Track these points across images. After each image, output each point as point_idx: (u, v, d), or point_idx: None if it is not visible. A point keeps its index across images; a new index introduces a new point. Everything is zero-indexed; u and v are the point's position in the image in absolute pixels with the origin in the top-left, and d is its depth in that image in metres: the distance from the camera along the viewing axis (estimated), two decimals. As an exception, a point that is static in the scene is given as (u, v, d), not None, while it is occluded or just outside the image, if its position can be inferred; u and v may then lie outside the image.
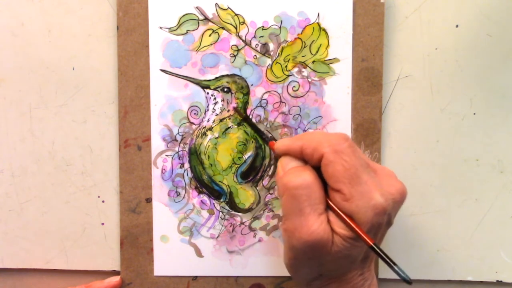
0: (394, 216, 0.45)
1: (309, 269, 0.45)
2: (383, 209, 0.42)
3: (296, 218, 0.43)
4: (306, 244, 0.42)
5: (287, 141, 0.46)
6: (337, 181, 0.42)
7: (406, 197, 0.45)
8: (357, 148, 0.44)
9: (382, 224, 0.43)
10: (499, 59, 0.55)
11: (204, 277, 0.57)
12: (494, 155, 0.57)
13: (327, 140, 0.43)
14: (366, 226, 0.42)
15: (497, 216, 0.57)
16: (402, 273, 0.40)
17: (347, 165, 0.42)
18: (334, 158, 0.42)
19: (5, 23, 0.56)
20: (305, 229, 0.42)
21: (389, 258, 0.41)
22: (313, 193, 0.43)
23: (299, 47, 0.55)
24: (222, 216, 0.57)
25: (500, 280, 0.58)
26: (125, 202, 0.57)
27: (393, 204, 0.43)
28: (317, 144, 0.44)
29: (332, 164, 0.43)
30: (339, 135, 0.44)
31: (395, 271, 0.40)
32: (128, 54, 0.55)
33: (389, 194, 0.43)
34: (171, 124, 0.56)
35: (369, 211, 0.41)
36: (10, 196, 0.58)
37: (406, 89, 0.56)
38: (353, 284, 0.46)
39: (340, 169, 0.42)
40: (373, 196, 0.42)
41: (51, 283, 0.59)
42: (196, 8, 0.55)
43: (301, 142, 0.45)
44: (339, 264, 0.44)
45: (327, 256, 0.43)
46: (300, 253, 0.44)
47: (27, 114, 0.57)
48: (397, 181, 0.45)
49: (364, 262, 0.46)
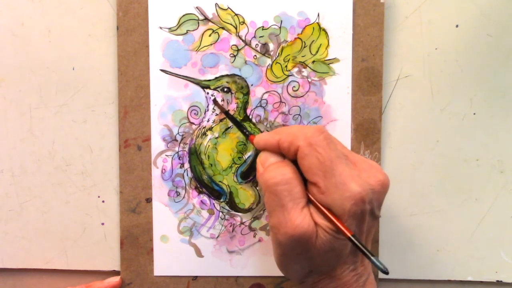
0: (378, 207, 0.45)
1: (298, 265, 0.45)
2: (361, 199, 0.42)
3: (279, 214, 0.43)
4: (291, 239, 0.42)
5: (266, 136, 0.47)
6: (313, 174, 0.43)
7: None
8: (334, 139, 0.45)
9: (364, 215, 0.43)
10: (499, 59, 0.55)
11: (204, 277, 0.57)
12: (494, 155, 0.57)
13: (303, 133, 0.44)
14: (344, 217, 0.42)
15: (497, 216, 0.57)
16: (380, 263, 0.40)
17: (322, 157, 0.42)
18: (309, 151, 0.43)
19: (5, 23, 0.56)
20: (289, 224, 0.42)
21: (366, 249, 0.41)
22: (293, 188, 0.43)
23: (299, 47, 0.55)
24: (222, 216, 0.57)
25: (500, 280, 0.58)
26: (125, 202, 0.57)
27: (372, 194, 0.43)
28: (293, 137, 0.44)
29: (307, 157, 0.43)
30: (315, 127, 0.44)
31: (372, 262, 0.40)
32: (128, 54, 0.55)
33: (367, 184, 0.43)
34: (171, 124, 0.56)
35: (345, 202, 0.41)
36: (10, 196, 0.58)
37: (406, 89, 0.56)
38: (345, 280, 0.45)
39: (314, 162, 0.43)
40: (348, 187, 0.42)
41: (51, 283, 0.59)
42: (196, 8, 0.55)
43: (278, 136, 0.45)
44: (326, 258, 0.44)
45: (313, 250, 0.43)
46: (287, 249, 0.44)
47: (27, 114, 0.57)
48: (379, 172, 0.45)
49: (354, 256, 0.46)
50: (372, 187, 0.43)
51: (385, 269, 0.40)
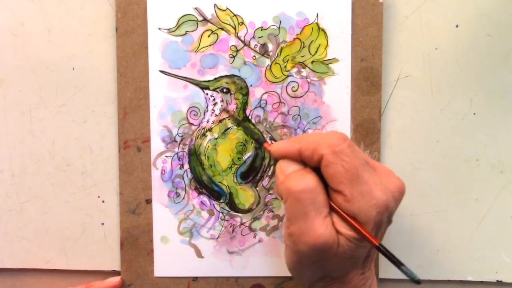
0: (393, 213, 0.45)
1: (312, 272, 0.45)
2: (386, 207, 0.42)
3: (301, 222, 0.42)
4: (313, 248, 0.42)
5: (284, 144, 0.46)
6: (338, 182, 0.42)
7: (404, 194, 0.45)
8: (356, 147, 0.44)
9: (383, 222, 0.43)
10: (499, 59, 0.55)
11: (204, 278, 0.57)
12: (494, 155, 0.57)
13: (326, 141, 0.43)
14: (369, 226, 0.42)
15: (497, 216, 0.57)
16: (410, 273, 0.40)
17: (347, 165, 0.42)
18: (334, 159, 0.42)
19: (5, 23, 0.56)
20: (312, 233, 0.42)
21: (396, 258, 0.41)
22: (317, 196, 0.42)
23: (298, 47, 0.55)
24: (222, 217, 0.57)
25: (500, 280, 0.58)
26: (125, 203, 0.57)
27: (393, 201, 0.43)
28: (316, 145, 0.43)
29: (332, 165, 0.42)
30: (337, 134, 0.44)
31: (402, 271, 0.40)
32: (127, 55, 0.55)
33: (389, 191, 0.43)
34: (171, 125, 0.56)
35: (371, 211, 0.41)
36: (10, 196, 0.58)
37: (406, 89, 0.56)
38: (354, 283, 0.46)
39: (340, 170, 0.42)
40: (374, 195, 0.41)
41: (51, 283, 0.59)
42: (195, 9, 0.55)
43: (299, 144, 0.45)
44: (343, 265, 0.44)
45: (333, 258, 0.43)
46: (306, 257, 0.43)
47: (27, 114, 0.57)
48: (396, 177, 0.45)
49: (365, 262, 0.46)
50: (393, 193, 0.43)
51: (417, 277, 0.40)
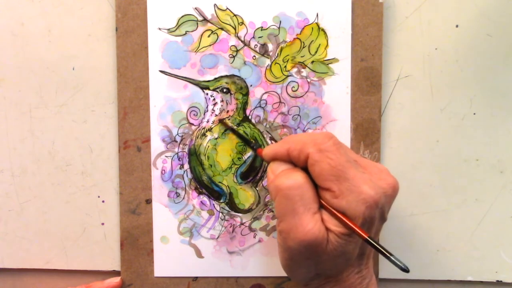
0: (387, 211, 0.45)
1: (306, 269, 0.45)
2: (374, 202, 0.42)
3: (290, 218, 0.43)
4: (302, 244, 0.42)
5: (274, 146, 0.47)
6: (325, 180, 0.43)
7: (398, 192, 0.45)
8: (343, 145, 0.45)
9: (375, 218, 0.43)
10: (499, 59, 0.55)
11: (204, 278, 0.57)
12: (494, 155, 0.57)
13: (312, 140, 0.44)
14: (359, 220, 0.42)
15: (497, 216, 0.57)
16: (399, 262, 0.40)
17: (333, 162, 0.42)
18: (319, 157, 0.43)
19: (5, 23, 0.56)
20: (300, 229, 0.42)
21: (384, 249, 0.41)
22: (305, 193, 0.43)
23: (298, 47, 0.55)
24: (222, 217, 0.57)
25: (500, 280, 0.58)
26: (125, 203, 0.57)
27: (384, 197, 0.43)
28: (302, 145, 0.44)
29: (318, 163, 0.43)
30: (323, 134, 0.45)
31: (391, 261, 0.40)
32: (127, 55, 0.55)
33: (379, 187, 0.43)
34: (171, 125, 0.56)
35: (360, 205, 0.42)
36: (10, 196, 0.58)
37: (406, 89, 0.56)
38: (350, 282, 0.46)
39: (326, 167, 0.43)
40: (362, 190, 0.42)
41: (51, 283, 0.59)
42: (195, 9, 0.55)
43: (287, 145, 0.45)
44: (335, 262, 0.44)
45: (323, 255, 0.43)
46: (296, 253, 0.44)
47: (27, 114, 0.57)
48: (389, 175, 0.45)
49: (360, 259, 0.46)
50: (384, 190, 0.43)
51: (405, 267, 0.40)
